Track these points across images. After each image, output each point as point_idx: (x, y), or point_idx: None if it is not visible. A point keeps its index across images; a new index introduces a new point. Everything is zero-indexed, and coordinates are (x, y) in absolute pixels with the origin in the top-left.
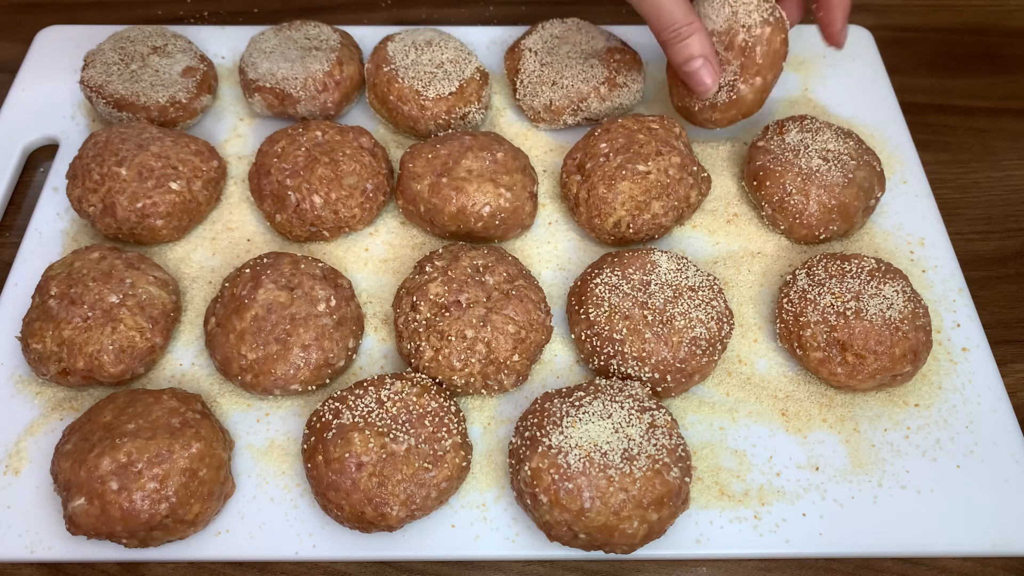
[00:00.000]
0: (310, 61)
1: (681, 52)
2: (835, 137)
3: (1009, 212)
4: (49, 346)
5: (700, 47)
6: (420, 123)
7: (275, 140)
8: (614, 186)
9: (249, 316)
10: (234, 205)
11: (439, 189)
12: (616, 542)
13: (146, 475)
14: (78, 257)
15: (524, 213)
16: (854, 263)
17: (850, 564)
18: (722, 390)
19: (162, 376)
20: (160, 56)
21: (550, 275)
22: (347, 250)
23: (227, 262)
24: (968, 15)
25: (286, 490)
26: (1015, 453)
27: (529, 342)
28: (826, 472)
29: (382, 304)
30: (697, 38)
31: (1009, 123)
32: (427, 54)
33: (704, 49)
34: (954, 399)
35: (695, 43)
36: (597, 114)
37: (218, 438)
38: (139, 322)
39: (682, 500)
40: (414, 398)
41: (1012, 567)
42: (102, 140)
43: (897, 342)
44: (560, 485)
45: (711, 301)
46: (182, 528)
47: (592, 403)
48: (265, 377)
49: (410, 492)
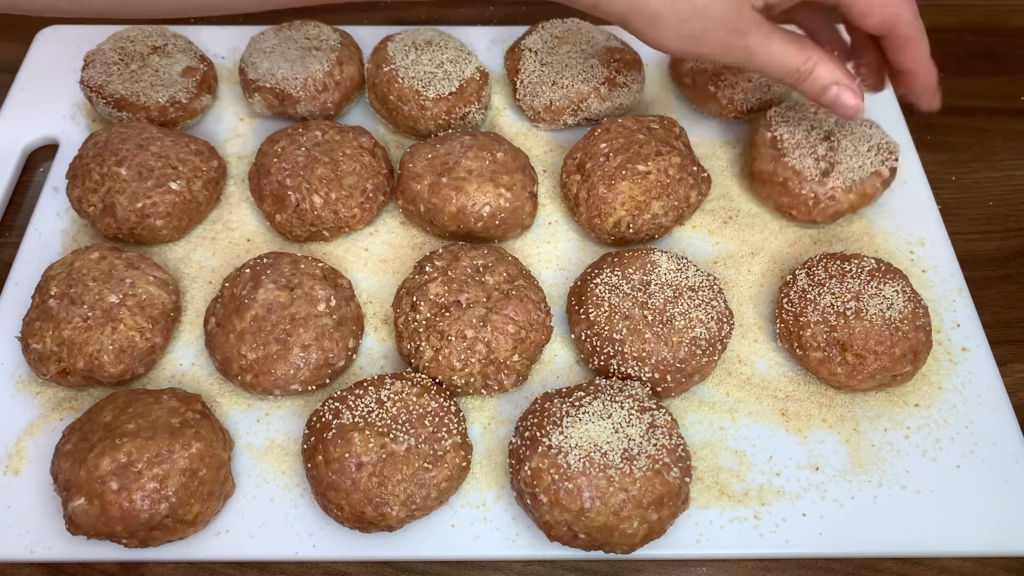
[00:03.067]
0: (310, 61)
1: (812, 89)
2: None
3: (1009, 212)
4: (49, 346)
5: (829, 75)
6: (420, 123)
7: (275, 140)
8: (614, 186)
9: (249, 316)
10: (234, 205)
11: (439, 189)
12: (616, 542)
13: (146, 475)
14: (78, 257)
15: (524, 213)
16: (854, 263)
17: (850, 564)
18: (722, 390)
19: (162, 376)
20: (160, 56)
21: (550, 275)
22: (347, 250)
23: (227, 262)
24: (968, 15)
25: (286, 490)
26: (1015, 453)
27: (529, 342)
28: (826, 472)
29: (382, 304)
30: (821, 68)
31: (1009, 123)
32: (427, 54)
33: (834, 75)
34: (954, 399)
35: (823, 74)
36: (597, 114)
37: (218, 438)
38: (139, 322)
39: (682, 500)
40: (414, 398)
41: (1012, 567)
42: (102, 140)
43: (897, 342)
44: (560, 485)
45: (711, 301)
46: (182, 528)
47: (592, 403)
48: (265, 377)
49: (410, 492)
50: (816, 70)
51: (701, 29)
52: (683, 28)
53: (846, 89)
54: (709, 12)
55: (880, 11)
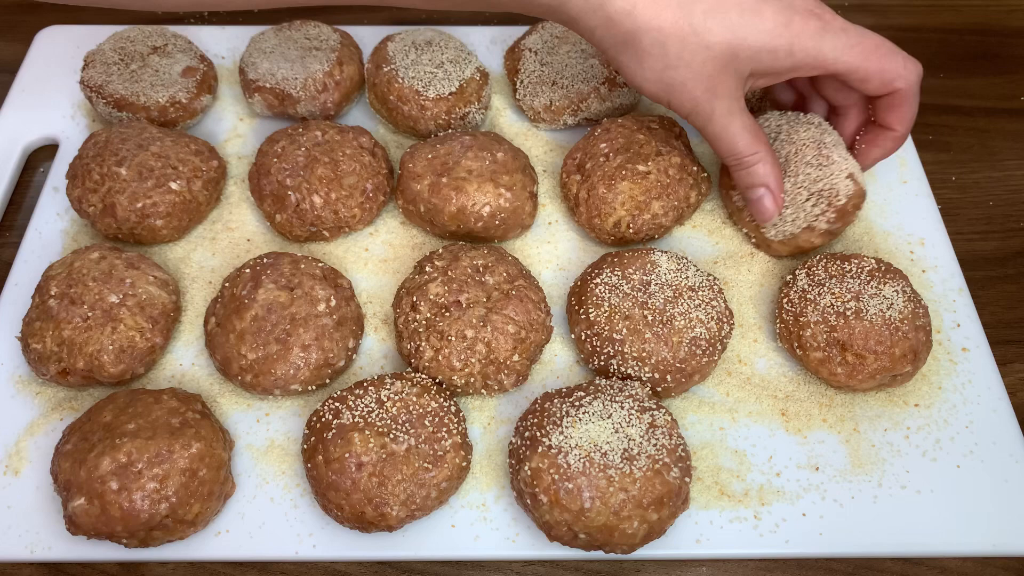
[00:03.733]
0: (310, 61)
1: (743, 179)
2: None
3: (1009, 212)
4: (49, 346)
5: (763, 176)
6: (420, 123)
7: (275, 140)
8: (614, 186)
9: (249, 316)
10: (234, 205)
11: (439, 189)
12: (616, 542)
13: (146, 475)
14: (78, 257)
15: (524, 213)
16: (854, 263)
17: (850, 564)
18: (722, 390)
19: (162, 376)
20: (160, 56)
21: (550, 275)
22: (347, 250)
23: (227, 262)
24: (968, 15)
25: (286, 490)
26: (1015, 453)
27: (529, 342)
28: (826, 472)
29: (382, 304)
30: (761, 167)
31: (1009, 123)
32: (427, 54)
33: (767, 178)
34: (954, 399)
35: (759, 172)
36: (597, 114)
37: (218, 438)
38: (139, 322)
39: (682, 500)
40: (414, 398)
41: (1012, 567)
42: (102, 140)
43: (897, 342)
44: (560, 485)
45: (711, 301)
46: (182, 528)
47: (592, 403)
48: (265, 377)
49: (410, 492)
50: (756, 166)
51: (680, 80)
52: (666, 74)
53: (770, 196)
54: (695, 65)
55: (879, 77)
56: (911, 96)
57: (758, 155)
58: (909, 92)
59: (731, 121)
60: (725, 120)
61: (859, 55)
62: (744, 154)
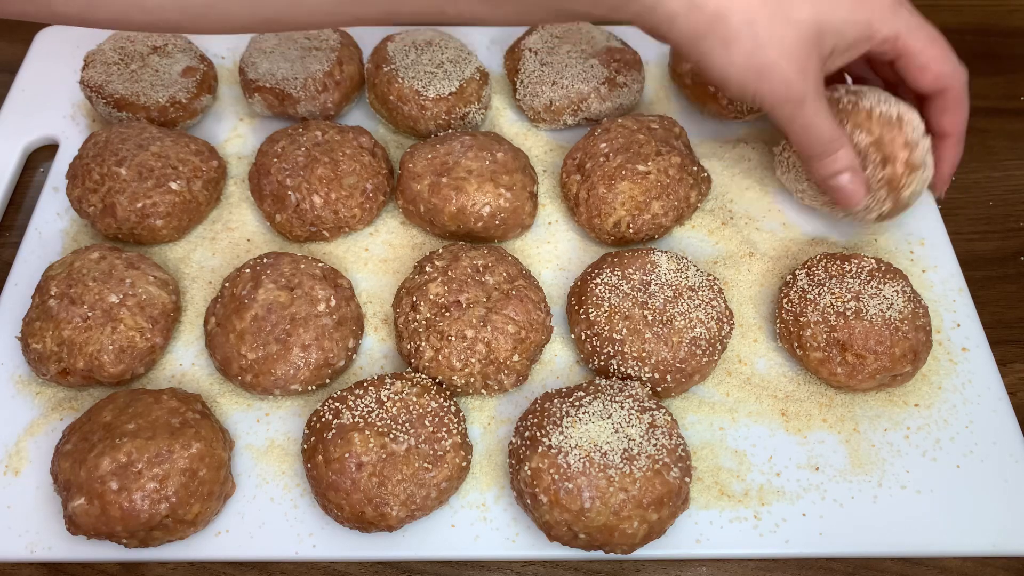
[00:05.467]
0: (310, 61)
1: (829, 166)
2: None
3: (1009, 212)
4: (49, 346)
5: (850, 159)
6: (420, 123)
7: (275, 140)
8: (614, 186)
9: (249, 316)
10: (234, 205)
11: (439, 189)
12: (616, 542)
13: (146, 475)
14: (78, 257)
15: (524, 213)
16: (854, 263)
17: (850, 564)
18: (722, 390)
19: (162, 376)
20: (160, 56)
21: (550, 275)
22: (347, 250)
23: (227, 262)
24: (968, 15)
25: (286, 490)
26: (1015, 453)
27: (529, 342)
28: (826, 472)
29: (382, 304)
30: (845, 152)
31: (1009, 123)
32: (427, 54)
33: (854, 160)
34: (954, 399)
35: (846, 156)
36: (597, 114)
37: (218, 438)
38: (139, 322)
39: (682, 500)
40: (414, 398)
41: (1012, 567)
42: (102, 140)
43: (897, 342)
44: (560, 485)
45: (711, 301)
46: (182, 528)
47: (592, 403)
48: (265, 377)
49: (410, 492)
50: (842, 151)
51: (772, 60)
52: (755, 56)
53: (859, 178)
54: (786, 43)
55: (938, 66)
56: (962, 98)
57: (843, 139)
58: (960, 94)
59: (822, 107)
60: (817, 104)
61: (926, 37)
62: (833, 138)
